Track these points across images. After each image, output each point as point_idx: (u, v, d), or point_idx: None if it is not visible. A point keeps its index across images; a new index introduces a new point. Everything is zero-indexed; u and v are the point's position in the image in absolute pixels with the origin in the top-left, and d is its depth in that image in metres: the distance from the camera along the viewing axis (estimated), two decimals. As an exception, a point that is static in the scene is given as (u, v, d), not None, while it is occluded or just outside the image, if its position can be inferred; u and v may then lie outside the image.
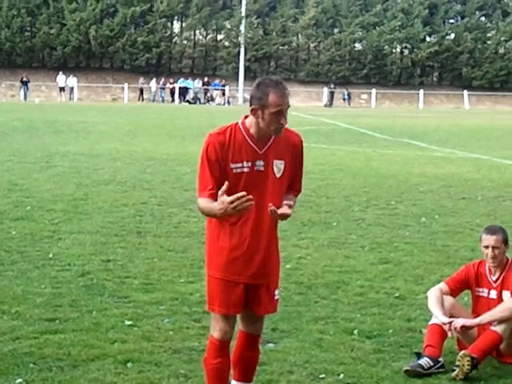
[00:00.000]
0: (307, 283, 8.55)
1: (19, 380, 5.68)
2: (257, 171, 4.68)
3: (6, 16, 64.64)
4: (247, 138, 4.69)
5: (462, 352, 6.01)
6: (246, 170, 4.66)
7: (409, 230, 11.73)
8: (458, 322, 6.09)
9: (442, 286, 6.51)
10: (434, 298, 6.37)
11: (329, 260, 9.65)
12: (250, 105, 4.65)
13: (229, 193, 4.57)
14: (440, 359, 6.11)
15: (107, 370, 5.92)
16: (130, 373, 5.88)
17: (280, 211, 4.61)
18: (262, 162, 4.70)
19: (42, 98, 61.36)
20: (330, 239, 10.89)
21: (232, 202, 4.39)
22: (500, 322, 6.09)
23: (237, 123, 4.74)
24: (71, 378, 5.76)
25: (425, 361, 6.05)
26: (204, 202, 4.61)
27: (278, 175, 4.74)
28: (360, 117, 45.22)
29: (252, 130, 4.69)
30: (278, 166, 4.74)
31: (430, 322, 6.30)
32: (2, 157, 19.73)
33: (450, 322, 6.10)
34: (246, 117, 4.74)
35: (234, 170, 4.65)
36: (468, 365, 5.89)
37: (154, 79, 63.69)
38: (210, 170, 4.62)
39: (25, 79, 60.11)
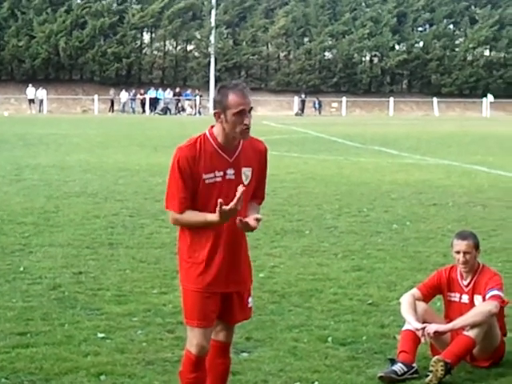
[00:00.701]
0: (281, 292, 8.53)
1: (-9, 395, 5.62)
2: (228, 180, 4.70)
3: (-27, 30, 64.15)
4: (216, 147, 4.69)
5: (436, 357, 6.03)
6: (218, 179, 4.67)
7: (381, 236, 11.76)
8: (431, 328, 6.11)
9: (415, 291, 6.54)
10: (407, 304, 6.39)
11: (302, 268, 9.65)
12: (213, 110, 4.67)
13: (204, 203, 4.63)
14: (414, 365, 6.13)
15: (80, 383, 5.88)
16: (103, 386, 5.84)
17: (250, 222, 4.60)
18: (232, 171, 4.71)
19: (12, 111, 60.89)
20: (303, 247, 10.89)
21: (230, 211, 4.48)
22: (473, 326, 6.12)
23: (204, 134, 4.74)
24: (43, 392, 5.72)
25: (399, 367, 6.06)
26: (189, 214, 4.63)
27: (245, 182, 4.74)
28: (331, 125, 45.37)
29: (220, 139, 4.69)
30: (246, 174, 4.76)
31: (404, 328, 6.31)
32: (-28, 170, 19.56)
33: (423, 328, 6.12)
34: (213, 126, 4.74)
35: (207, 181, 4.65)
36: (442, 370, 5.91)
37: (124, 90, 63.41)
38: (183, 183, 4.63)
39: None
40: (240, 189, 4.50)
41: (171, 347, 6.67)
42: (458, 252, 6.38)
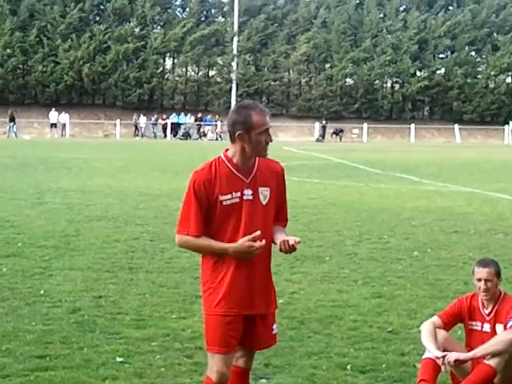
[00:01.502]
0: (300, 318, 8.49)
1: (9, 419, 5.62)
2: (246, 200, 4.71)
3: (2, 55, 64.79)
4: (232, 168, 4.73)
5: None
6: (236, 200, 4.69)
7: (401, 263, 11.68)
8: (452, 356, 6.05)
9: (435, 319, 6.48)
10: (427, 331, 6.33)
11: (322, 294, 9.59)
12: (233, 132, 4.66)
13: (220, 226, 4.64)
14: None
15: (98, 407, 5.87)
16: (121, 410, 5.83)
17: (291, 242, 4.67)
18: (250, 191, 4.73)
19: (35, 135, 61.40)
20: (323, 273, 10.84)
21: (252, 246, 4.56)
22: (494, 355, 6.05)
23: (219, 157, 4.78)
24: (61, 416, 5.70)
25: None
26: (199, 241, 4.65)
27: (264, 202, 4.77)
28: (352, 151, 45.33)
29: (235, 160, 4.73)
30: (264, 194, 4.77)
31: (424, 356, 6.25)
32: (-6, 193, 19.68)
33: (444, 356, 6.06)
34: (227, 150, 4.78)
35: (224, 203, 4.67)
36: None
37: (142, 115, 63.68)
38: (197, 207, 4.66)
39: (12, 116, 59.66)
40: (258, 233, 4.58)
41: (189, 372, 6.64)
42: (480, 279, 6.32)
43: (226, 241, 4.68)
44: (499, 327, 6.32)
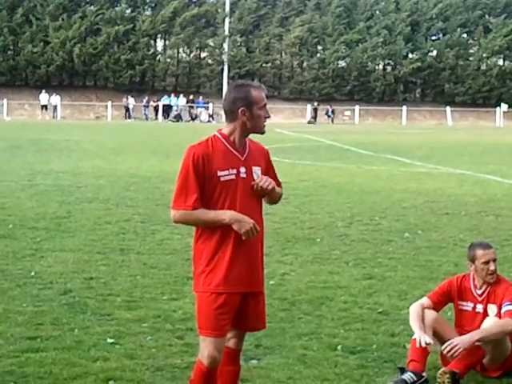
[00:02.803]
0: (291, 299, 8.51)
1: (0, 399, 5.63)
2: (241, 178, 4.76)
3: (-12, 35, 64.54)
4: (228, 146, 4.76)
5: (442, 369, 5.98)
6: (232, 177, 4.72)
7: (392, 245, 11.72)
8: (458, 346, 6.00)
9: (425, 300, 6.51)
10: (415, 313, 6.37)
11: (313, 276, 9.62)
12: (235, 108, 4.69)
13: (220, 200, 4.67)
14: (424, 374, 6.09)
15: (89, 388, 5.88)
16: (111, 391, 5.84)
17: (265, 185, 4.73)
18: (244, 169, 4.78)
19: (26, 117, 61.22)
20: (314, 255, 10.86)
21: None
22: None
23: (214, 135, 4.81)
24: (52, 396, 5.72)
25: (408, 376, 6.02)
26: (198, 213, 4.64)
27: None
28: (344, 133, 45.36)
29: (232, 138, 4.77)
30: (257, 173, 4.82)
31: (413, 337, 6.28)
32: (-15, 175, 19.63)
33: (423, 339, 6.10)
34: (220, 130, 4.82)
35: (222, 178, 4.70)
36: (448, 381, 5.87)
37: (130, 97, 63.40)
38: (195, 180, 4.66)
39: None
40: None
41: (180, 353, 6.66)
42: (488, 262, 6.29)
43: (230, 226, 4.70)
44: (491, 307, 6.35)
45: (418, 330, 6.20)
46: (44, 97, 61.78)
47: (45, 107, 61.89)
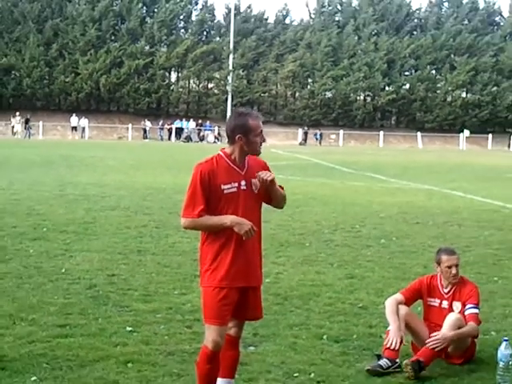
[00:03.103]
0: (283, 295, 8.49)
1: (34, 378, 5.59)
2: (242, 190, 4.76)
3: (27, 67, 64.61)
4: (230, 163, 4.78)
5: (405, 362, 5.92)
6: (234, 189, 4.73)
7: (370, 249, 11.70)
8: (440, 341, 6.00)
9: (398, 295, 6.49)
10: (390, 307, 6.36)
11: (302, 275, 9.60)
12: (233, 135, 4.70)
13: (224, 210, 4.67)
14: (397, 360, 6.05)
15: (110, 369, 5.85)
16: (130, 372, 5.80)
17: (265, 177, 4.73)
18: (244, 182, 4.78)
19: (58, 136, 61.19)
20: (304, 257, 10.84)
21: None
22: (452, 326, 6.07)
23: (218, 154, 4.82)
24: (79, 376, 5.68)
25: (384, 362, 6.00)
26: (204, 220, 4.64)
27: (255, 191, 4.83)
28: (329, 154, 45.35)
29: (233, 156, 4.78)
30: (255, 184, 4.82)
31: (388, 329, 6.26)
32: (23, 186, 19.59)
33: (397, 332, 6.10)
34: (223, 149, 4.83)
35: (225, 191, 4.71)
36: (411, 371, 5.81)
37: (147, 120, 63.43)
38: (202, 193, 4.66)
39: (27, 118, 58.90)
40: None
41: (189, 340, 6.64)
42: (450, 266, 6.29)
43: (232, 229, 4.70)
44: (456, 304, 6.35)
45: (392, 323, 6.19)
46: (74, 119, 61.74)
47: (75, 128, 61.83)
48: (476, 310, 6.28)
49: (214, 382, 4.86)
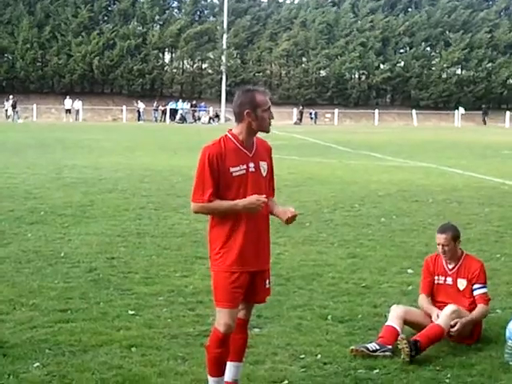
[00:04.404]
0: (286, 275, 8.42)
1: (36, 364, 5.51)
2: (251, 172, 4.66)
3: (21, 49, 64.15)
4: (238, 144, 4.66)
5: (400, 336, 5.76)
6: (243, 172, 4.63)
7: (371, 228, 11.64)
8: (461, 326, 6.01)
9: (422, 296, 6.41)
10: (423, 303, 6.34)
11: (304, 255, 9.53)
12: (241, 111, 4.59)
13: (234, 193, 4.57)
14: (389, 346, 5.81)
15: (114, 354, 5.77)
16: (134, 356, 5.73)
17: (290, 215, 4.77)
18: (252, 164, 4.68)
19: (52, 119, 60.87)
20: (304, 237, 10.77)
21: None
22: (447, 317, 5.99)
23: (226, 135, 4.70)
24: (82, 361, 5.60)
25: (371, 345, 5.81)
26: (216, 204, 4.55)
27: (264, 174, 4.74)
28: (325, 133, 45.23)
29: (241, 137, 4.66)
30: (263, 167, 4.74)
31: (386, 324, 6.08)
32: (19, 169, 19.45)
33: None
34: (230, 130, 4.71)
35: (234, 174, 4.61)
36: (406, 346, 5.61)
37: (139, 101, 63.06)
38: (211, 176, 4.56)
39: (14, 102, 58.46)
40: (263, 196, 4.61)
41: (192, 323, 6.56)
42: (438, 244, 6.26)
43: (243, 213, 4.62)
44: (461, 282, 6.28)
45: (432, 311, 6.19)
46: (68, 102, 61.35)
47: (69, 111, 61.43)
48: (484, 290, 6.22)
49: (225, 365, 4.79)
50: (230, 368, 4.84)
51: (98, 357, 5.68)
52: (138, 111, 63.01)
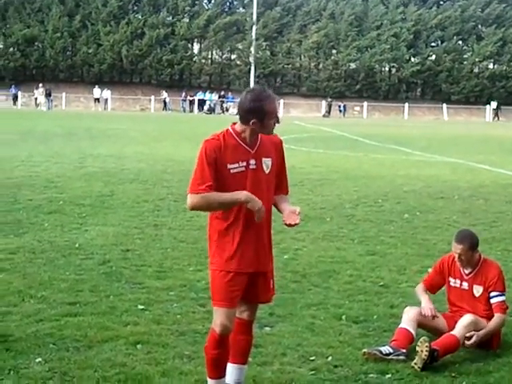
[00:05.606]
0: (302, 272, 8.22)
1: (39, 359, 5.37)
2: (251, 169, 4.45)
3: (51, 38, 64.50)
4: (239, 141, 4.45)
5: (423, 338, 5.52)
6: (242, 169, 4.42)
7: (393, 225, 11.39)
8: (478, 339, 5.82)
9: (421, 285, 6.27)
10: (418, 290, 6.20)
11: (322, 251, 9.32)
12: (247, 118, 4.37)
13: (232, 190, 4.37)
14: (403, 350, 5.59)
15: (119, 350, 5.61)
16: (139, 354, 5.57)
17: (292, 222, 4.52)
18: (254, 161, 4.47)
19: (81, 108, 61.16)
20: (324, 233, 10.56)
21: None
22: (464, 328, 5.75)
23: (227, 129, 4.48)
24: (86, 358, 5.45)
25: (385, 348, 5.60)
26: (212, 194, 4.32)
27: (266, 171, 4.51)
28: (353, 126, 44.83)
29: (244, 135, 4.45)
30: (267, 163, 4.51)
31: (400, 326, 5.86)
32: (42, 158, 19.45)
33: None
34: (234, 123, 4.50)
35: (232, 171, 4.40)
36: (426, 350, 5.35)
37: (164, 91, 63.02)
38: (208, 169, 4.36)
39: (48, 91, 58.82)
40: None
41: (202, 320, 6.39)
42: (455, 252, 6.02)
43: (237, 211, 4.42)
44: (477, 288, 6.03)
45: (422, 298, 6.10)
46: (97, 91, 61.62)
47: (97, 100, 61.73)
48: (502, 298, 5.97)
49: (225, 367, 4.61)
50: (233, 370, 4.67)
51: (102, 353, 5.54)
52: (164, 101, 63.05)
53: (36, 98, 59.69)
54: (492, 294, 5.95)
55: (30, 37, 64.39)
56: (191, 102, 63.72)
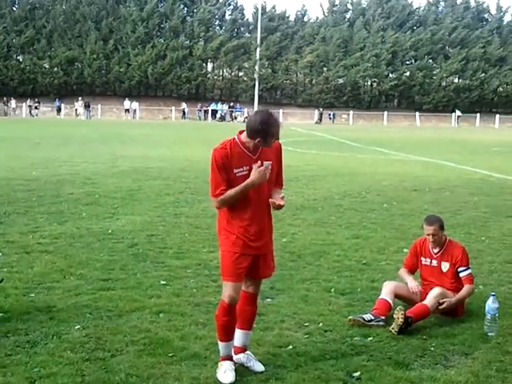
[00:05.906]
0: (298, 253, 8.19)
1: (77, 326, 5.36)
2: None
3: (89, 59, 64.51)
4: (244, 149, 4.43)
5: (399, 306, 5.48)
6: (246, 172, 4.40)
7: (374, 213, 11.34)
8: (451, 304, 5.75)
9: (402, 268, 6.21)
10: (402, 272, 6.16)
11: (314, 235, 9.29)
12: (252, 135, 4.33)
13: None
14: (382, 317, 5.55)
15: (144, 319, 5.60)
16: (161, 321, 5.55)
17: (277, 202, 4.40)
18: (255, 165, 4.42)
19: (114, 117, 61.09)
20: (316, 220, 10.52)
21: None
22: (434, 299, 5.69)
23: (234, 138, 4.45)
24: (117, 325, 5.43)
25: (367, 315, 5.56)
26: (227, 193, 4.33)
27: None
28: (341, 131, 44.68)
29: (248, 145, 4.43)
30: (267, 165, 4.45)
31: (380, 297, 5.81)
32: (81, 159, 19.42)
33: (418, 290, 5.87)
34: (241, 132, 4.45)
35: (237, 174, 4.39)
36: (402, 318, 5.30)
37: (183, 103, 62.97)
38: (220, 175, 4.37)
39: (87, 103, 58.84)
40: (266, 163, 4.34)
41: (214, 293, 6.36)
42: (428, 235, 5.96)
43: (241, 202, 4.39)
44: (444, 264, 6.00)
45: (406, 278, 6.01)
46: (127, 103, 61.55)
47: (127, 110, 61.65)
48: (469, 271, 5.94)
49: (233, 332, 4.60)
50: (240, 335, 4.65)
51: (130, 321, 5.52)
52: (183, 111, 63.00)
53: (76, 109, 59.68)
54: (460, 269, 5.91)
55: (71, 58, 64.42)
56: (206, 112, 63.63)
